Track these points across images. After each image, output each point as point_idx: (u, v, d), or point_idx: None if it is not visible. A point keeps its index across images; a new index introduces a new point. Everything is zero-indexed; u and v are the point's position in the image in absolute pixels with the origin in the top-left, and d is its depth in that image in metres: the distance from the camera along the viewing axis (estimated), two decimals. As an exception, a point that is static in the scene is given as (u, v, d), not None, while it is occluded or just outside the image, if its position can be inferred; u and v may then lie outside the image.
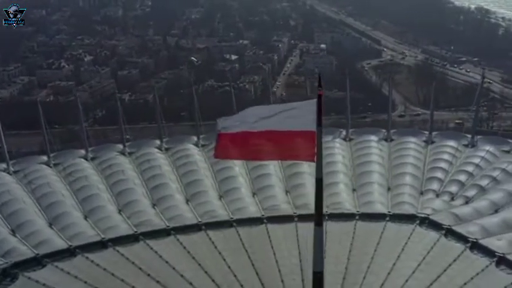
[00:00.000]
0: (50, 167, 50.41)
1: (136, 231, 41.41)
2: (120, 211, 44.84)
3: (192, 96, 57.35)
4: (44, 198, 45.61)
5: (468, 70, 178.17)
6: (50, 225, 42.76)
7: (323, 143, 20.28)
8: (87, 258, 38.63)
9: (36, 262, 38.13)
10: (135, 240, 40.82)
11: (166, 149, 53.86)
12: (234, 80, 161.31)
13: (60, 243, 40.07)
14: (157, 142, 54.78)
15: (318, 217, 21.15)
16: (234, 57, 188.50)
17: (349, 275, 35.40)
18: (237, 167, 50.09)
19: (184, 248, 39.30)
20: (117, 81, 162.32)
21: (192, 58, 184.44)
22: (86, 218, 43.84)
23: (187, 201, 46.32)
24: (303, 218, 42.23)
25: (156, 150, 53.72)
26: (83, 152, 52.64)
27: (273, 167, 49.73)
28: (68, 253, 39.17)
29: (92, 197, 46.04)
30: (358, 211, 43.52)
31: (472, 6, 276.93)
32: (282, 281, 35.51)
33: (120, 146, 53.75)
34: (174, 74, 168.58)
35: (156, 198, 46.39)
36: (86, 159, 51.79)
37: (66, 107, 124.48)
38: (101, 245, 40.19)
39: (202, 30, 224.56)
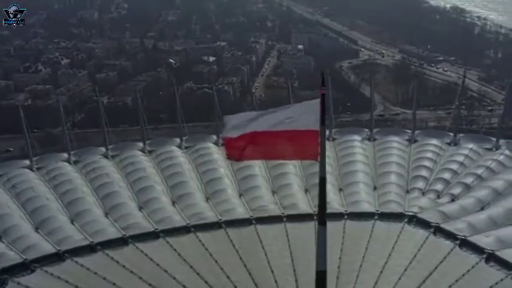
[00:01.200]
0: (33, 171, 49.85)
1: (125, 235, 40.98)
2: (106, 214, 44.36)
3: (171, 98, 57.07)
4: (29, 202, 44.99)
5: (445, 69, 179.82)
6: (37, 229, 42.13)
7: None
8: (76, 262, 38.12)
9: (25, 267, 37.54)
10: (124, 243, 40.34)
11: (150, 152, 53.50)
12: (215, 82, 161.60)
13: (48, 248, 39.47)
14: (140, 144, 54.37)
15: (321, 216, 21.14)
16: (212, 58, 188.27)
17: (342, 273, 35.34)
18: (222, 169, 50.02)
19: (175, 250, 38.96)
20: (95, 84, 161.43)
21: (170, 60, 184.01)
22: (72, 222, 43.29)
23: (173, 203, 45.99)
24: (292, 218, 42.60)
25: (140, 152, 53.34)
26: (65, 155, 52.12)
27: (258, 168, 49.72)
28: (57, 258, 38.63)
29: (77, 201, 45.53)
30: (346, 210, 43.51)
31: (448, 6, 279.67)
32: (276, 281, 35.40)
33: (103, 149, 53.30)
34: (153, 76, 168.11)
35: (143, 200, 45.97)
36: (69, 163, 51.28)
37: (45, 111, 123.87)
38: (90, 248, 39.68)
39: (179, 32, 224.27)
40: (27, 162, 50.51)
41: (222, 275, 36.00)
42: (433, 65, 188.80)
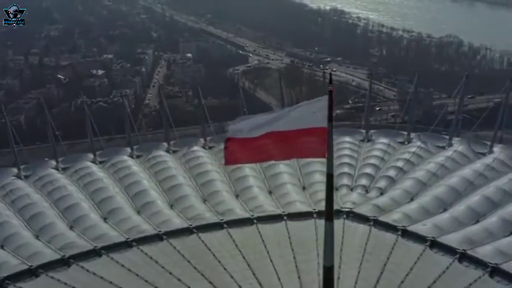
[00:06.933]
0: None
1: (64, 255, 39.21)
2: (37, 237, 42.41)
3: (65, 115, 55.75)
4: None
5: (334, 69, 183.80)
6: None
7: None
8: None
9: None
10: (65, 264, 38.56)
11: (64, 169, 52.05)
12: (107, 95, 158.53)
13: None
14: (53, 163, 52.87)
15: (329, 212, 21.19)
16: (100, 72, 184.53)
17: (303, 273, 35.45)
18: (145, 181, 49.72)
19: (122, 266, 37.78)
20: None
21: (59, 76, 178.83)
22: (2, 247, 41.15)
23: (105, 219, 44.68)
24: (232, 224, 42.44)
25: (54, 171, 51.79)
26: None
27: (183, 178, 49.71)
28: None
29: (2, 225, 43.40)
30: (283, 212, 43.63)
31: (328, 8, 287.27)
32: (240, 286, 35.14)
33: (15, 170, 51.30)
34: (42, 93, 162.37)
35: (72, 219, 44.33)
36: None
37: None
38: (30, 273, 37.67)
39: (63, 47, 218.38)
40: None
41: (182, 286, 35.24)
42: (321, 66, 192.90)
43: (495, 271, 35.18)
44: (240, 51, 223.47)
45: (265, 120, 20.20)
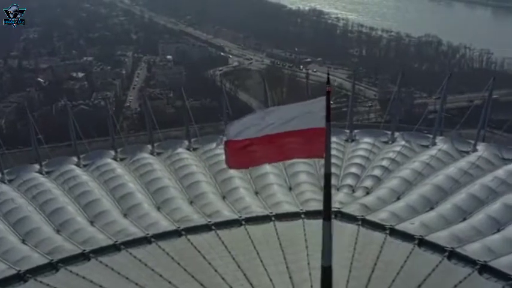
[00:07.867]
0: None
1: (52, 260, 38.88)
2: (24, 241, 42.00)
3: (46, 118, 55.27)
4: None
5: (315, 70, 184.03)
6: None
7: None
8: None
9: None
10: (53, 268, 38.23)
11: (48, 173, 51.72)
12: (87, 97, 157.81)
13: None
14: (37, 166, 52.50)
15: (327, 212, 21.21)
16: (80, 74, 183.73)
17: (293, 273, 35.53)
18: (131, 183, 49.26)
19: (112, 269, 37.48)
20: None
21: (39, 79, 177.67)
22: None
23: (91, 223, 44.37)
24: (220, 225, 42.34)
25: (38, 174, 51.44)
26: None
27: (168, 180, 49.39)
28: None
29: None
30: (271, 212, 43.62)
31: (306, 8, 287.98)
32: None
33: (-1, 175, 50.92)
34: (23, 96, 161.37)
35: (59, 223, 43.88)
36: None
37: None
38: (18, 278, 37.42)
39: (42, 50, 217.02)
40: None
41: (172, 288, 35.30)
42: (301, 67, 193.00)
43: (484, 268, 35.48)
44: (222, 53, 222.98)
45: (263, 121, 20.18)
